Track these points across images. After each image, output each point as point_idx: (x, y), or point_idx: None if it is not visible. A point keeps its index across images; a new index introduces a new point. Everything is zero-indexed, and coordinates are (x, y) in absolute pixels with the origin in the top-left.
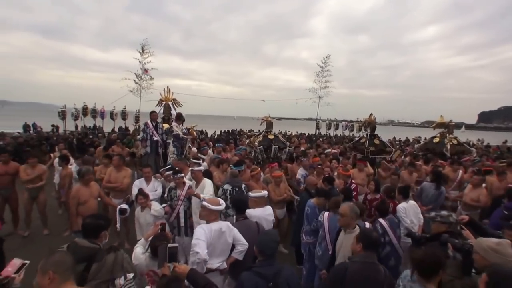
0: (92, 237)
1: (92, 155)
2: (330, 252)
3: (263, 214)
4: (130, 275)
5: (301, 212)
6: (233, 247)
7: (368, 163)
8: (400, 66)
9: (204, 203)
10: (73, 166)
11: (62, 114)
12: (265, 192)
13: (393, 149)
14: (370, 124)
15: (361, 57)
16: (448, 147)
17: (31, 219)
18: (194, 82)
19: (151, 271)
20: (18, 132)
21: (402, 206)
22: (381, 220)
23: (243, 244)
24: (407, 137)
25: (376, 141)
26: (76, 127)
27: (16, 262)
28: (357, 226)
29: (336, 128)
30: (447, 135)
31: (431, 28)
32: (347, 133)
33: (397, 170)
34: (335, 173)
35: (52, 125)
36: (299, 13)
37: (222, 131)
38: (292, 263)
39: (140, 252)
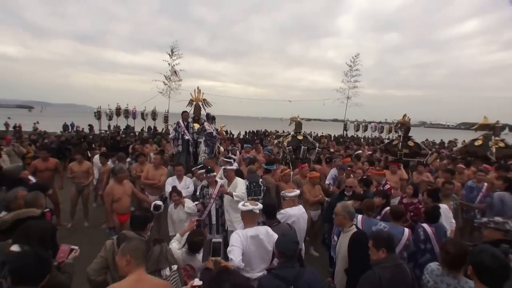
0: (139, 230)
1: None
2: None
3: (299, 213)
4: (175, 267)
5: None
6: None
7: (402, 165)
8: (433, 64)
9: (239, 206)
10: (109, 163)
11: (98, 114)
12: (298, 191)
13: (429, 152)
14: (403, 126)
15: (390, 55)
16: (494, 150)
17: (75, 211)
18: (218, 83)
19: (188, 265)
20: (60, 132)
21: None
22: (425, 225)
23: None
24: (441, 140)
25: (411, 143)
26: (109, 126)
27: (65, 247)
28: (353, 226)
29: (365, 129)
30: (492, 137)
31: (470, 22)
32: (376, 134)
33: (433, 173)
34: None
35: (89, 125)
36: (325, 12)
37: (247, 131)
38: (322, 265)
39: (176, 247)
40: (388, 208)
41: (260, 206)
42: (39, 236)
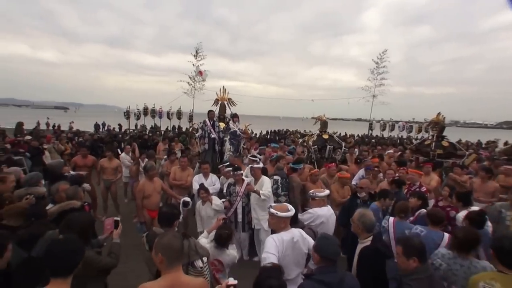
0: (167, 226)
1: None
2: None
3: (329, 214)
4: (205, 259)
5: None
6: (308, 256)
7: (433, 166)
8: (469, 59)
9: (272, 210)
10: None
11: (127, 114)
12: (327, 192)
13: (466, 153)
14: (437, 124)
15: (420, 51)
16: None
17: (107, 205)
18: (240, 83)
19: (216, 260)
20: (96, 131)
21: (462, 214)
22: None
23: None
24: (479, 140)
25: (445, 143)
26: (136, 126)
27: (109, 220)
28: (369, 238)
29: (392, 129)
30: None
31: None
32: (404, 134)
33: (472, 175)
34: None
35: (119, 124)
36: (348, 8)
37: (269, 131)
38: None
39: (205, 242)
40: (422, 210)
41: (292, 211)
42: (80, 227)
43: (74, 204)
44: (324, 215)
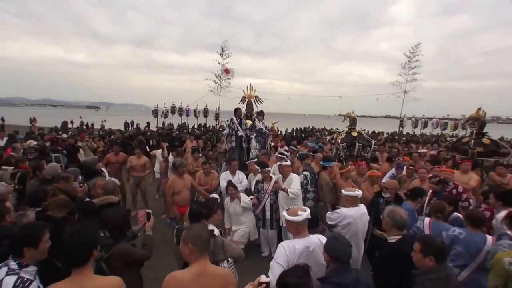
0: (196, 222)
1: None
2: None
3: (358, 214)
4: (231, 260)
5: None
6: None
7: (473, 165)
8: None
9: (284, 213)
10: (169, 158)
11: (155, 113)
12: (359, 192)
13: (511, 151)
14: (477, 121)
15: (455, 43)
16: None
17: (137, 201)
18: (264, 80)
19: None
20: (126, 129)
21: (502, 214)
22: (510, 233)
23: None
24: None
25: (486, 141)
26: (163, 124)
27: (142, 212)
28: (397, 236)
29: (424, 126)
30: None
31: None
32: (438, 131)
33: None
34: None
35: (147, 122)
36: (376, 0)
37: (294, 128)
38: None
39: None
40: (455, 214)
41: (303, 215)
42: (115, 222)
43: (112, 199)
44: (352, 215)
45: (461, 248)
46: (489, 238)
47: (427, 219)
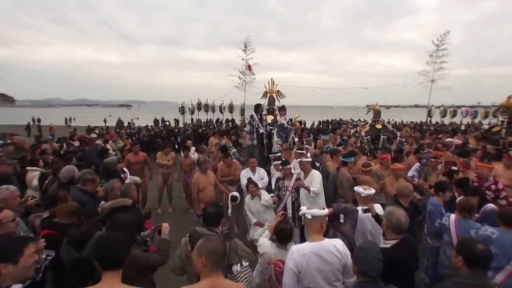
0: (213, 225)
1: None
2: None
3: (368, 213)
4: (246, 263)
5: None
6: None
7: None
8: None
9: (301, 211)
10: (194, 155)
11: (182, 110)
12: (371, 191)
13: None
14: (509, 109)
15: (486, 28)
16: None
17: (162, 198)
18: (291, 74)
19: (280, 261)
20: (151, 126)
21: None
22: None
23: None
24: None
25: None
26: (192, 120)
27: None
28: (394, 241)
29: (453, 115)
30: None
31: None
32: (467, 120)
33: None
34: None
35: (175, 119)
36: None
37: (321, 121)
38: None
39: (267, 242)
40: (488, 206)
41: (325, 211)
42: (125, 227)
43: (126, 202)
44: (361, 215)
45: (494, 250)
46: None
47: (452, 216)
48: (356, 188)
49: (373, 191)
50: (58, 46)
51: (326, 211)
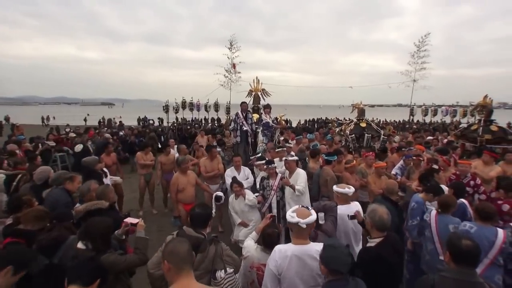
0: (200, 227)
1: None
2: (441, 257)
3: (347, 212)
4: (231, 269)
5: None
6: None
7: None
8: None
9: (287, 214)
10: (177, 154)
11: (166, 108)
12: (350, 190)
13: None
14: (484, 108)
15: (463, 31)
16: None
17: (143, 200)
18: (277, 73)
19: (263, 264)
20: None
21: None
22: None
23: None
24: None
25: (494, 128)
26: (176, 119)
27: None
28: (378, 239)
29: (434, 114)
30: None
31: None
32: (447, 119)
33: None
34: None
35: (158, 118)
36: None
37: (307, 120)
38: None
39: (252, 244)
40: (460, 200)
41: (313, 217)
42: (99, 233)
43: (102, 204)
44: (340, 214)
45: None
46: (500, 231)
47: (433, 212)
48: (335, 187)
49: (352, 189)
50: (33, 41)
51: (315, 216)
